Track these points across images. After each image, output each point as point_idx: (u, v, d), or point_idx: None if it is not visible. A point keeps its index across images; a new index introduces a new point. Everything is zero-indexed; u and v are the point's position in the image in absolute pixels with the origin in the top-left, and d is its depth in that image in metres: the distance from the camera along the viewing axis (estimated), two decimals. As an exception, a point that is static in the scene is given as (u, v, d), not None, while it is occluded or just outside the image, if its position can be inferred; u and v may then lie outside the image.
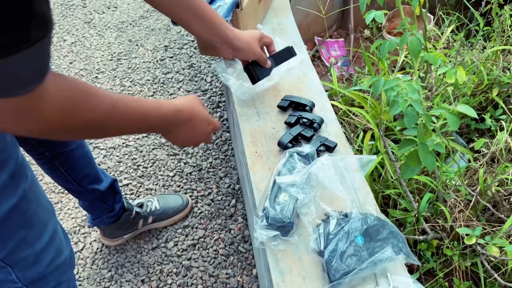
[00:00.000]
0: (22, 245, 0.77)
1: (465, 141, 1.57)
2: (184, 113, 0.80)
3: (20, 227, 0.75)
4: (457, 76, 0.97)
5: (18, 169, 0.73)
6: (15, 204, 0.72)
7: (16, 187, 0.72)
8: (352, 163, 0.90)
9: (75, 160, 1.19)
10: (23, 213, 0.75)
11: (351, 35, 2.04)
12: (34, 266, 0.81)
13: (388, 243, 0.77)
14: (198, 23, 0.92)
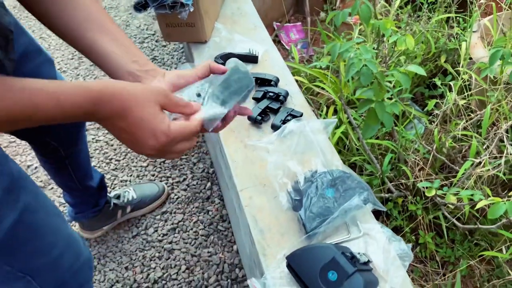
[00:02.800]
0: (37, 255, 0.76)
1: (420, 108, 1.68)
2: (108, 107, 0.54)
3: (29, 239, 0.74)
4: (407, 43, 1.06)
5: (15, 183, 0.70)
6: (17, 219, 0.69)
7: (16, 202, 0.70)
8: (316, 126, 0.97)
9: (81, 158, 1.22)
10: (30, 225, 0.73)
11: (308, 18, 2.12)
12: (54, 272, 0.81)
13: (355, 192, 0.84)
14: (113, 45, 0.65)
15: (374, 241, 0.84)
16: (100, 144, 1.78)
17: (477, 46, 1.30)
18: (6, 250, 0.71)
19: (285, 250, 0.82)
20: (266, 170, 0.95)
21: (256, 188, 0.94)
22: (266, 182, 0.95)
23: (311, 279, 0.74)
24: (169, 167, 1.68)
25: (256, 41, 1.28)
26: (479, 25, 1.33)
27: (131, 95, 0.56)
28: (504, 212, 0.82)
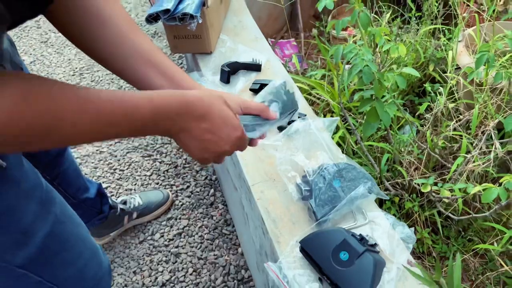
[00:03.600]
0: (65, 265, 0.79)
1: (411, 115, 1.78)
2: (193, 109, 0.59)
3: (59, 250, 0.76)
4: (399, 50, 1.15)
5: (46, 195, 0.73)
6: (50, 231, 0.72)
7: (48, 214, 0.72)
8: (320, 124, 1.04)
9: (69, 176, 1.23)
10: (59, 236, 0.75)
11: (301, 34, 2.23)
12: (80, 282, 0.83)
13: (360, 182, 0.91)
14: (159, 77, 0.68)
15: (379, 227, 0.90)
16: (104, 155, 1.83)
17: (463, 54, 1.40)
18: (38, 262, 0.72)
19: (297, 237, 0.88)
20: (275, 166, 1.02)
21: (266, 183, 1.00)
22: (275, 177, 1.01)
23: (324, 260, 0.80)
24: (173, 176, 1.74)
25: (258, 51, 1.37)
26: (463, 35, 1.44)
27: (209, 100, 0.61)
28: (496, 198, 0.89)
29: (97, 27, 0.65)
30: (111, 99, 0.51)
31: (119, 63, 0.66)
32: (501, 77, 1.09)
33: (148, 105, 0.54)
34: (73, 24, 0.65)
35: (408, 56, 1.48)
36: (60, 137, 0.49)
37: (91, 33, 0.65)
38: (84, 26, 0.65)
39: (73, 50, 2.43)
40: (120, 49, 0.66)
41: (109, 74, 2.24)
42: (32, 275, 0.73)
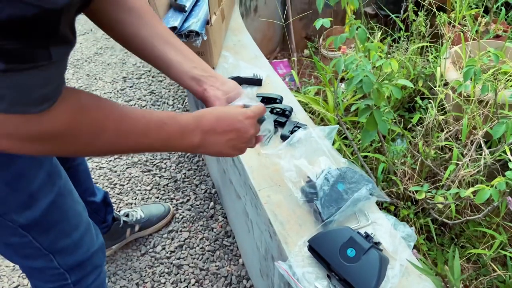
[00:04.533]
0: (62, 235, 0.87)
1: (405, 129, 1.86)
2: (207, 117, 0.68)
3: (60, 219, 0.85)
4: (392, 65, 1.24)
5: (53, 168, 0.82)
6: (53, 200, 0.81)
7: (53, 185, 0.81)
8: (320, 133, 1.10)
9: (80, 174, 1.27)
10: (60, 207, 0.84)
11: (294, 54, 2.32)
12: (73, 253, 0.90)
13: (362, 184, 0.97)
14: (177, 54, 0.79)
15: (381, 227, 0.95)
16: (104, 171, 1.86)
17: (450, 69, 1.49)
18: (39, 228, 0.81)
19: (304, 238, 0.92)
20: (280, 173, 1.07)
21: (272, 188, 1.05)
22: (280, 183, 1.06)
23: (332, 257, 0.85)
24: (173, 190, 1.77)
25: (258, 67, 1.43)
26: (450, 53, 1.53)
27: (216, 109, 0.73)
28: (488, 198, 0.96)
29: (122, 12, 0.75)
30: (143, 114, 0.61)
31: (142, 43, 0.77)
32: (487, 89, 1.18)
33: (172, 121, 0.64)
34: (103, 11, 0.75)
35: (398, 72, 1.56)
36: (104, 144, 0.57)
37: (117, 18, 0.75)
38: (112, 12, 0.75)
39: (70, 70, 2.47)
40: (142, 31, 0.76)
41: (107, 93, 2.29)
42: (32, 240, 0.80)
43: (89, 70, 2.46)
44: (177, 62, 0.77)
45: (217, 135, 0.69)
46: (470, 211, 1.40)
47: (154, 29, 0.77)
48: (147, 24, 0.76)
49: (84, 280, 0.94)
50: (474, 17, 1.70)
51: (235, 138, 0.71)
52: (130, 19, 0.75)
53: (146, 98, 2.25)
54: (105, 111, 0.55)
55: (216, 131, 0.68)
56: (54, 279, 0.89)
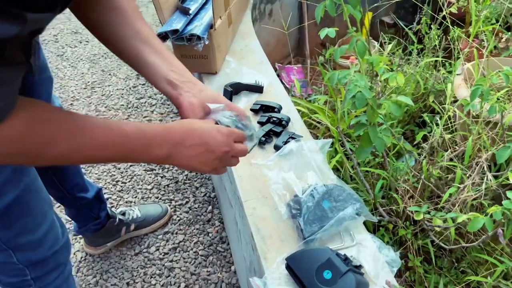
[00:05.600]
0: (24, 232, 0.87)
1: (411, 145, 1.80)
2: (176, 130, 0.67)
3: (23, 215, 0.85)
4: (397, 80, 1.19)
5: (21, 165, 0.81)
6: (18, 195, 0.81)
7: (19, 181, 0.81)
8: (313, 146, 1.07)
9: (66, 169, 1.28)
10: (25, 204, 0.84)
11: (307, 60, 2.29)
12: (35, 250, 0.91)
13: (349, 203, 0.93)
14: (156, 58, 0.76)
15: (366, 249, 0.92)
16: (107, 167, 1.87)
17: (461, 87, 1.43)
18: (1, 222, 0.81)
19: (284, 254, 0.90)
20: (268, 185, 1.04)
21: (259, 200, 1.03)
22: (268, 195, 1.04)
23: (308, 278, 0.82)
24: (173, 191, 1.77)
25: (261, 74, 1.41)
26: (462, 69, 1.47)
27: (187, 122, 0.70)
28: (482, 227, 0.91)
29: (106, 11, 0.74)
30: (106, 127, 0.60)
31: (121, 43, 0.75)
32: (495, 110, 1.12)
33: (137, 133, 0.63)
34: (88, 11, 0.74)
35: (408, 86, 1.51)
36: (55, 157, 0.57)
37: (100, 16, 0.74)
38: (96, 12, 0.74)
39: (86, 64, 2.51)
40: (124, 32, 0.75)
41: (119, 90, 2.31)
42: None
43: (105, 66, 2.49)
44: (154, 63, 0.74)
45: (185, 149, 0.67)
46: (473, 235, 1.34)
47: (134, 29, 0.75)
48: (128, 24, 0.75)
49: (45, 277, 0.94)
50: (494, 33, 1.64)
51: (204, 153, 0.68)
52: (112, 19, 0.74)
53: (157, 96, 2.26)
54: (57, 125, 0.55)
55: (184, 144, 0.67)
56: (14, 273, 0.90)
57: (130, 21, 0.76)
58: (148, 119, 2.12)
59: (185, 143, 0.66)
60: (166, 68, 0.75)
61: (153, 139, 0.64)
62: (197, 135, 0.68)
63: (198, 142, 0.67)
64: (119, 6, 0.76)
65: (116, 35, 0.74)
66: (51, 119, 0.55)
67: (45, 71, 1.04)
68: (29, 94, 0.58)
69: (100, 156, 0.61)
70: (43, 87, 1.01)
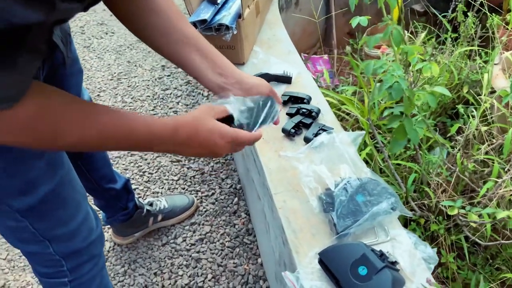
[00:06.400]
0: (59, 223, 0.88)
1: (443, 137, 1.74)
2: (182, 131, 0.68)
3: (57, 207, 0.86)
4: (432, 70, 1.15)
5: (55, 159, 0.82)
6: (52, 188, 0.82)
7: (54, 174, 0.82)
8: (345, 138, 1.05)
9: (95, 160, 1.29)
10: (59, 197, 0.85)
11: (334, 51, 2.24)
12: (69, 241, 0.92)
13: (383, 197, 0.91)
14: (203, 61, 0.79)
15: (401, 245, 0.89)
16: (134, 158, 1.88)
17: (499, 77, 1.37)
18: (37, 214, 0.82)
19: (316, 249, 0.88)
20: (298, 177, 1.02)
21: (289, 192, 1.01)
22: (298, 188, 1.02)
23: (342, 274, 0.80)
24: (199, 182, 1.77)
25: (290, 64, 1.39)
26: (500, 58, 1.41)
27: (195, 121, 0.71)
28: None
29: (150, 16, 0.76)
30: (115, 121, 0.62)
31: (168, 48, 0.77)
32: (536, 102, 1.07)
33: (145, 130, 0.65)
34: (130, 12, 0.76)
35: (441, 77, 1.46)
36: (66, 145, 0.60)
37: (145, 22, 0.76)
38: (139, 15, 0.76)
39: (112, 56, 2.53)
40: (170, 36, 0.77)
41: (145, 81, 2.32)
42: (28, 225, 0.82)
43: (130, 57, 2.51)
44: (203, 69, 0.78)
45: (189, 148, 0.71)
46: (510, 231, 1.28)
47: (181, 33, 0.77)
48: (174, 28, 0.77)
49: (80, 268, 0.95)
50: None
51: (206, 154, 0.74)
52: (158, 22, 0.76)
53: (182, 88, 2.26)
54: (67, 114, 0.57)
55: (189, 145, 0.70)
56: (50, 264, 0.91)
57: (176, 25, 0.77)
58: (173, 110, 2.13)
59: (190, 144, 0.70)
60: (215, 72, 0.79)
61: (160, 137, 0.67)
62: (200, 139, 0.70)
63: (201, 145, 0.71)
64: (161, 8, 0.77)
65: (161, 39, 0.77)
66: (62, 108, 0.57)
67: (76, 63, 1.04)
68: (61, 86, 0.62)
69: (105, 146, 0.68)
70: (74, 80, 1.02)
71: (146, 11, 0.77)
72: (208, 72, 0.79)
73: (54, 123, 0.55)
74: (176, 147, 0.70)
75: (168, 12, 0.78)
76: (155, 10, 0.77)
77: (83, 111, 0.59)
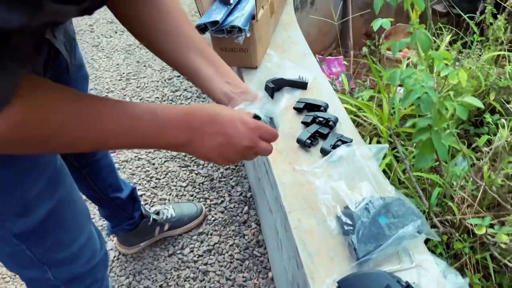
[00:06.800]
0: (59, 246, 0.81)
1: (465, 145, 1.65)
2: (199, 113, 0.60)
3: (57, 229, 0.79)
4: (459, 76, 1.06)
5: (56, 175, 0.76)
6: (52, 208, 0.75)
7: (54, 193, 0.75)
8: (366, 152, 0.96)
9: (100, 169, 1.23)
10: (60, 217, 0.78)
11: (350, 52, 2.15)
12: (71, 266, 0.85)
13: (409, 219, 0.82)
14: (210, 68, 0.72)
15: (427, 272, 0.81)
16: (142, 162, 1.82)
17: (531, 84, 1.28)
18: (35, 238, 0.75)
19: (334, 275, 0.80)
20: (315, 194, 0.95)
21: (304, 211, 0.93)
22: (314, 206, 0.94)
23: (363, 306, 0.72)
24: (208, 189, 1.70)
25: (305, 68, 1.30)
26: (532, 64, 1.31)
27: (212, 106, 0.63)
28: None
29: (156, 19, 0.70)
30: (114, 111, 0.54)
31: (174, 52, 0.72)
32: None
33: (150, 117, 0.56)
34: (134, 16, 0.70)
35: (467, 83, 1.37)
36: (63, 144, 0.53)
37: (151, 25, 0.71)
38: (144, 18, 0.70)
39: (121, 55, 2.47)
40: (176, 40, 0.71)
41: (154, 82, 2.26)
42: (25, 250, 0.75)
43: (140, 57, 2.45)
44: (209, 76, 0.72)
45: (204, 137, 0.60)
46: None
47: (187, 38, 0.72)
48: (181, 32, 0.72)
49: None
50: None
51: (224, 144, 0.61)
52: (165, 26, 0.70)
53: (192, 89, 2.19)
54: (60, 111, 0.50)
55: (204, 131, 0.60)
56: None
57: (182, 31, 0.72)
58: (183, 112, 2.06)
59: (205, 129, 0.60)
60: (222, 80, 0.72)
61: (170, 123, 0.58)
62: (219, 123, 0.61)
63: (219, 130, 0.61)
64: (168, 11, 0.71)
65: (167, 43, 0.71)
66: (54, 104, 0.50)
67: (82, 69, 0.98)
68: None
69: (106, 144, 0.58)
70: (78, 86, 0.95)
71: (154, 13, 0.71)
72: (215, 79, 0.72)
73: (45, 123, 0.49)
74: (192, 134, 0.59)
75: (176, 15, 0.72)
76: (164, 12, 0.71)
77: (78, 108, 0.52)
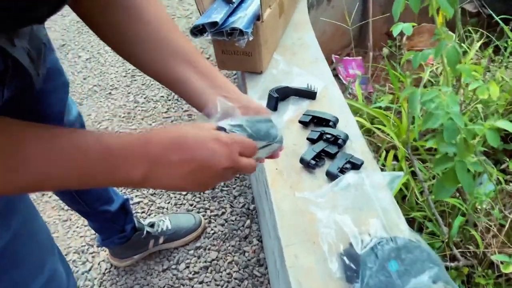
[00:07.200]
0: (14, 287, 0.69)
1: (492, 162, 1.49)
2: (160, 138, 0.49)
3: (11, 268, 0.67)
4: (490, 91, 0.91)
5: (7, 206, 0.64)
6: (5, 244, 0.63)
7: (7, 228, 0.64)
8: (378, 181, 0.83)
9: None
10: (14, 254, 0.66)
11: (370, 53, 2.00)
12: None
13: (424, 267, 0.70)
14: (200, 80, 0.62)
15: (444, 331, 0.68)
16: (141, 166, 1.73)
17: None
18: None
19: (333, 329, 0.69)
20: (316, 227, 0.83)
21: (303, 245, 0.82)
22: (315, 239, 0.82)
23: None
24: (209, 198, 1.59)
25: (315, 75, 1.18)
26: None
27: (175, 126, 0.54)
28: None
29: (137, 28, 0.60)
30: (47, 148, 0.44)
31: (159, 64, 0.61)
32: None
33: (98, 151, 0.46)
34: (109, 24, 0.60)
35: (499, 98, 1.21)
36: None
37: (130, 34, 0.60)
38: (121, 26, 0.60)
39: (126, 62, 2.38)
40: (161, 51, 0.61)
41: (160, 88, 2.15)
42: None
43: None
44: (200, 90, 0.61)
45: (171, 166, 0.49)
46: None
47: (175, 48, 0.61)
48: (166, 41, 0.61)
49: None
50: None
51: (196, 170, 0.50)
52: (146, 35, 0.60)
53: (199, 88, 2.08)
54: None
55: (169, 160, 0.48)
56: None
57: (167, 39, 0.61)
58: (188, 113, 1.95)
59: (170, 158, 0.48)
60: (217, 93, 0.61)
61: (125, 157, 0.47)
62: (186, 147, 0.49)
63: (188, 156, 0.49)
64: (149, 18, 0.60)
65: (149, 53, 0.60)
66: None
67: (58, 76, 0.86)
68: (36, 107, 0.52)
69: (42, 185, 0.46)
70: (54, 96, 0.84)
71: (132, 22, 0.60)
72: (208, 93, 0.61)
73: None
74: (152, 167, 0.48)
75: (159, 22, 0.61)
76: (144, 21, 0.60)
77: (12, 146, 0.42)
